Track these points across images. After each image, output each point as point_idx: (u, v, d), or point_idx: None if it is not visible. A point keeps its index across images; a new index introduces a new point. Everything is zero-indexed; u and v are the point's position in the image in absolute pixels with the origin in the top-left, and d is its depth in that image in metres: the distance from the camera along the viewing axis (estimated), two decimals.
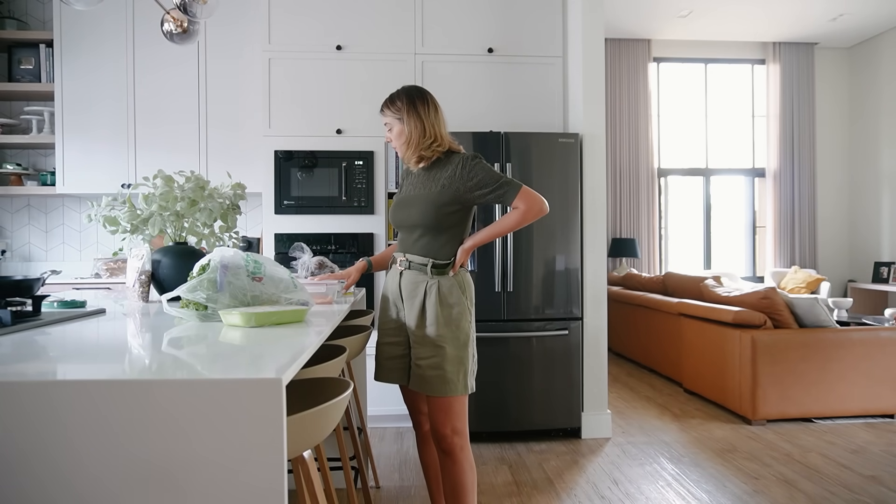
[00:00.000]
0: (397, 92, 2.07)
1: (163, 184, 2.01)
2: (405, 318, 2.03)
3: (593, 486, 2.83)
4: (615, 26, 6.54)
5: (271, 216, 3.62)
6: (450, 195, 1.99)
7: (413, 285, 2.01)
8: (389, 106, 2.06)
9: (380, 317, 2.15)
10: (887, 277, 6.57)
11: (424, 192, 2.02)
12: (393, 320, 2.07)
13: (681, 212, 7.25)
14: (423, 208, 1.99)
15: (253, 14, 3.97)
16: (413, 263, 2.02)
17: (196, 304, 1.47)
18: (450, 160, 2.03)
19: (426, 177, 2.05)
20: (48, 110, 4.09)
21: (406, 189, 2.12)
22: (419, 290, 2.00)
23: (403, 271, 2.04)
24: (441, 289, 1.98)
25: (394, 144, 2.07)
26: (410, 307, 2.01)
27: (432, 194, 2.00)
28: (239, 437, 0.81)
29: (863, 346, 3.74)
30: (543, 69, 3.83)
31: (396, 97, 2.06)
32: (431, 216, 1.98)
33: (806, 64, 7.08)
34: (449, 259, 2.02)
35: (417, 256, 2.01)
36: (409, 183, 2.12)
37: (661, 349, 5.05)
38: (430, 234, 2.01)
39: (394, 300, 2.07)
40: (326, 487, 1.64)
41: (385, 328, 2.10)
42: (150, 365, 0.98)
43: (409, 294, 2.01)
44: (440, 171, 2.02)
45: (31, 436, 0.79)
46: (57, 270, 1.80)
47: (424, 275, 2.00)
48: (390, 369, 2.08)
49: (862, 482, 2.83)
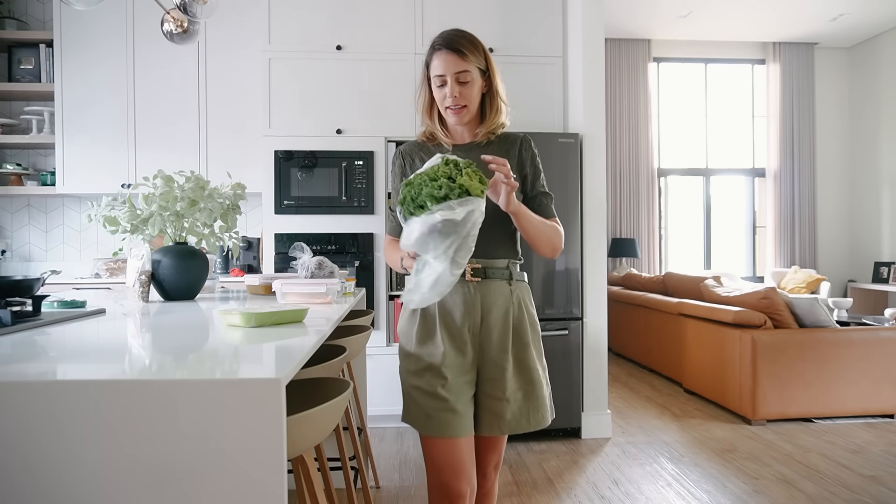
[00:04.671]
0: (464, 32, 1.62)
1: (163, 184, 2.01)
2: (479, 346, 1.59)
3: (593, 486, 2.83)
4: (615, 26, 6.54)
5: (271, 216, 3.62)
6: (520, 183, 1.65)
7: (493, 299, 1.59)
8: (470, 49, 1.58)
9: (424, 351, 1.58)
10: (887, 277, 6.56)
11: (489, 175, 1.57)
12: (458, 352, 1.57)
13: (681, 212, 7.24)
14: None
15: (253, 14, 3.97)
16: (490, 270, 1.60)
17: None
18: (505, 140, 1.69)
19: (472, 157, 1.59)
20: (48, 110, 4.09)
21: None
22: (503, 305, 1.60)
23: (479, 282, 1.59)
24: (524, 298, 1.65)
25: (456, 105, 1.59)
26: (492, 328, 1.59)
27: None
28: (239, 437, 0.81)
29: (863, 346, 3.74)
30: (543, 69, 3.83)
31: (473, 39, 1.61)
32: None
33: (806, 64, 7.07)
34: (520, 260, 1.70)
35: (496, 260, 1.62)
36: None
37: (661, 349, 5.04)
38: (504, 230, 1.63)
39: (461, 324, 1.58)
40: (326, 487, 1.64)
41: (446, 365, 1.55)
42: (150, 365, 0.98)
43: (490, 311, 1.59)
44: (493, 150, 1.66)
45: (31, 436, 0.79)
46: (57, 270, 1.80)
47: (506, 283, 1.62)
48: (466, 417, 1.57)
49: (862, 482, 2.83)
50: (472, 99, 1.60)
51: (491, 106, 1.65)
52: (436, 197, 1.34)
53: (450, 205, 1.33)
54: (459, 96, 1.58)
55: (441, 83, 1.60)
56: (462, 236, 1.36)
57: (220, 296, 2.28)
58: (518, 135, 1.71)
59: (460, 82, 1.58)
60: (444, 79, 1.58)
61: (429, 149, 1.68)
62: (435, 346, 1.57)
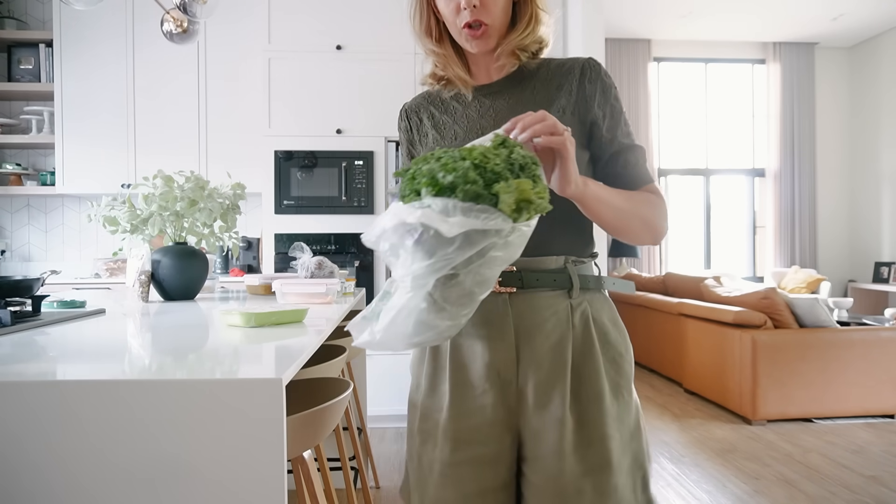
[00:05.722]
0: None
1: (163, 184, 2.01)
2: (515, 398, 1.02)
3: None
4: (615, 26, 6.54)
5: (271, 216, 3.62)
6: (578, 130, 1.04)
7: (537, 321, 1.01)
8: None
9: (431, 404, 1.07)
10: (887, 277, 6.56)
11: None
12: (473, 409, 1.02)
13: (681, 212, 7.24)
14: None
15: (253, 14, 3.97)
16: (532, 275, 1.01)
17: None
18: (558, 70, 1.08)
19: (506, 103, 1.07)
20: (48, 110, 4.09)
21: (473, 126, 1.08)
22: (556, 331, 1.01)
23: (514, 294, 1.01)
24: (598, 317, 1.05)
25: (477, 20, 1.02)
26: (536, 369, 1.01)
27: None
28: (238, 437, 0.81)
29: (863, 346, 3.74)
30: None
31: None
32: None
33: (806, 64, 7.07)
34: (594, 255, 1.10)
35: (544, 258, 1.02)
36: (465, 117, 1.10)
37: (661, 349, 5.04)
38: (560, 207, 0.92)
39: (483, 362, 1.02)
40: (326, 487, 1.64)
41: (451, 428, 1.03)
42: (150, 365, 0.98)
43: (532, 339, 1.01)
44: (539, 88, 1.07)
45: (31, 436, 0.79)
46: (57, 270, 1.80)
47: (562, 296, 1.03)
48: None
49: (862, 482, 2.83)
50: (496, 10, 1.03)
51: (523, 11, 1.06)
52: (438, 183, 0.79)
53: (450, 205, 0.77)
54: (480, 6, 1.01)
55: None
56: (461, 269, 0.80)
57: (219, 296, 2.27)
58: (578, 60, 1.07)
59: None
60: None
61: (442, 100, 1.14)
62: (440, 397, 1.05)
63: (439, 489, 1.03)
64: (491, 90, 1.10)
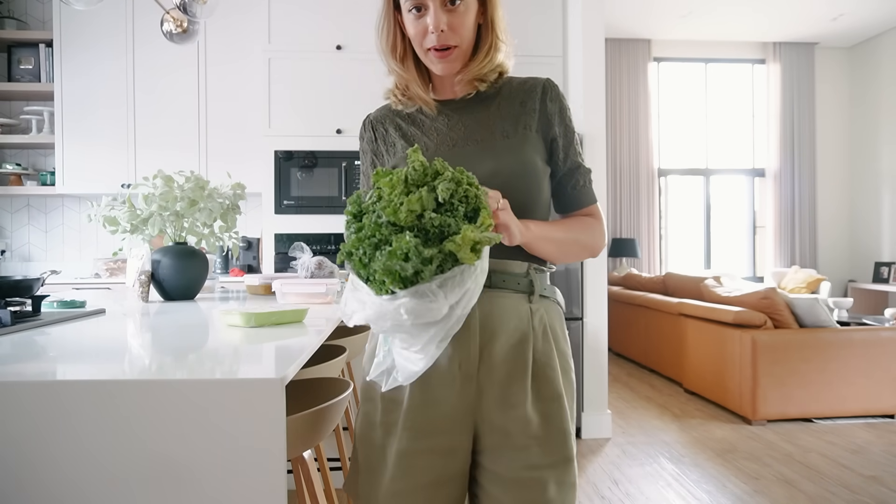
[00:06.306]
0: None
1: (163, 184, 2.01)
2: (475, 393, 1.05)
3: (593, 486, 2.82)
4: (615, 26, 6.54)
5: (271, 216, 3.62)
6: (540, 146, 1.11)
7: (501, 321, 1.05)
8: None
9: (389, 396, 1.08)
10: (888, 277, 6.56)
11: (502, 141, 1.09)
12: (432, 401, 1.04)
13: (681, 212, 7.24)
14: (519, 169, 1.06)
15: (253, 14, 3.97)
16: (499, 276, 1.06)
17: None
18: (520, 89, 1.13)
19: (473, 118, 1.12)
20: (48, 110, 4.09)
21: (443, 138, 1.12)
22: (518, 331, 1.05)
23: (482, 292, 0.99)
24: (553, 325, 1.11)
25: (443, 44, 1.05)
26: (496, 366, 1.04)
27: (520, 143, 1.08)
28: (239, 437, 0.81)
29: (863, 346, 3.74)
30: (543, 69, 3.83)
31: None
32: (534, 184, 1.08)
33: (806, 64, 7.07)
34: (550, 267, 1.15)
35: (510, 262, 1.07)
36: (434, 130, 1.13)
37: (661, 349, 5.04)
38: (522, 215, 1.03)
39: (451, 356, 1.03)
40: (326, 487, 1.64)
41: (409, 419, 1.05)
42: (150, 365, 0.98)
43: (495, 338, 1.04)
44: (503, 105, 1.12)
45: (31, 436, 0.79)
46: (57, 270, 1.80)
47: (523, 299, 1.07)
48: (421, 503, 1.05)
49: (862, 482, 2.83)
50: (464, 33, 1.06)
51: (483, 41, 1.10)
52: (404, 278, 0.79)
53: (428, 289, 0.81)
54: (448, 30, 1.04)
55: (419, 11, 1.06)
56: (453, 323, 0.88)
57: (219, 296, 2.27)
58: (538, 80, 1.13)
59: (448, 8, 1.04)
60: (424, 2, 1.05)
61: (407, 114, 1.16)
62: (400, 390, 1.05)
63: (394, 481, 1.05)
64: (457, 106, 1.14)
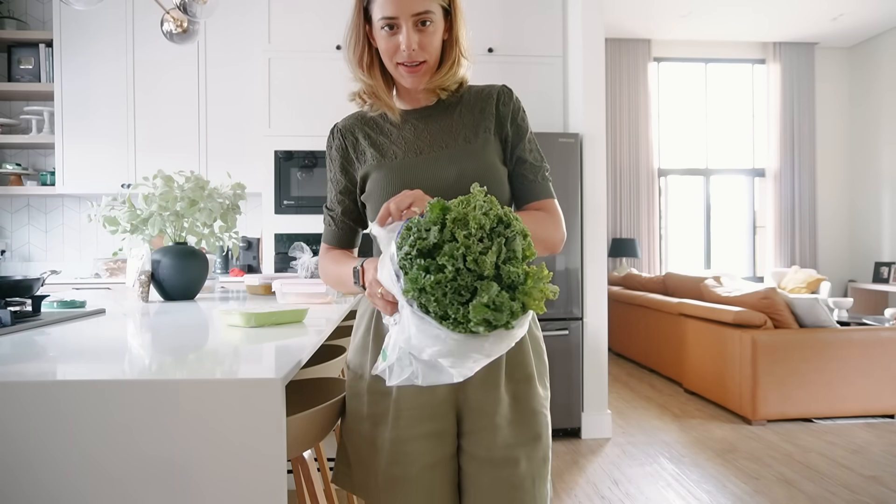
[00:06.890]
0: None
1: (163, 184, 2.01)
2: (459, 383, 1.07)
3: (593, 486, 2.82)
4: (615, 26, 6.54)
5: (271, 216, 3.62)
6: (498, 147, 1.21)
7: None
8: None
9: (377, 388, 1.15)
10: (888, 277, 6.56)
11: (464, 146, 1.18)
12: (429, 389, 1.10)
13: (681, 212, 7.24)
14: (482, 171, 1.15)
15: (253, 14, 3.97)
16: None
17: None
18: (478, 96, 1.23)
19: (438, 126, 1.21)
20: (48, 110, 4.09)
21: (410, 146, 1.20)
22: None
23: None
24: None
25: (413, 60, 1.13)
26: None
27: (481, 147, 1.18)
28: (239, 437, 0.81)
29: (863, 346, 3.74)
30: (543, 69, 3.83)
31: None
32: (496, 184, 1.17)
33: (806, 64, 7.07)
34: None
35: None
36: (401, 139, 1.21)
37: (661, 349, 5.04)
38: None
39: None
40: (326, 487, 1.64)
41: (400, 407, 1.12)
42: (150, 365, 0.98)
43: None
44: (465, 112, 1.21)
45: (31, 436, 0.79)
46: (57, 270, 1.80)
47: None
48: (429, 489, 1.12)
49: (862, 482, 2.83)
50: (433, 51, 1.14)
51: (447, 55, 1.17)
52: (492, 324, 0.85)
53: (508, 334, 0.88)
54: (419, 48, 1.11)
55: (391, 28, 1.11)
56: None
57: (219, 296, 2.27)
58: (494, 87, 1.23)
59: (419, 28, 1.11)
60: (397, 22, 1.10)
61: (376, 122, 1.23)
62: (373, 386, 1.14)
63: (391, 466, 1.11)
64: (422, 114, 1.22)
